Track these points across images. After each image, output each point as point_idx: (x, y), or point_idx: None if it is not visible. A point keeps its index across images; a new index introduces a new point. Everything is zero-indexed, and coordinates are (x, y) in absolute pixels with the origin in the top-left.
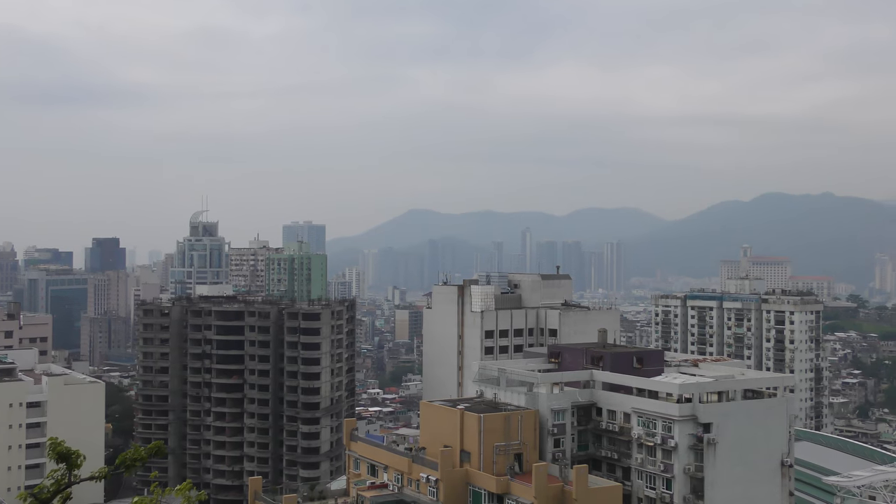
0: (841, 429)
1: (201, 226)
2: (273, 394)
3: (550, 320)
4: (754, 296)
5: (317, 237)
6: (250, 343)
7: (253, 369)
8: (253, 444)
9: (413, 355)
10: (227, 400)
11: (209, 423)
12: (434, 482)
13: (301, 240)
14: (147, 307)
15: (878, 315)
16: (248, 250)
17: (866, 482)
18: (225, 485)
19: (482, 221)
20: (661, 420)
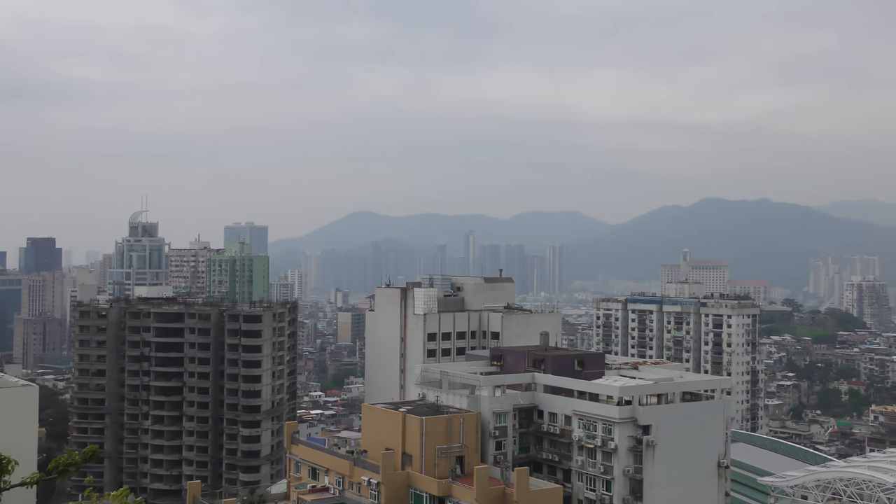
0: (775, 430)
1: (141, 226)
2: (213, 396)
3: (493, 323)
4: (693, 300)
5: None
6: (190, 345)
7: (193, 372)
8: (192, 447)
9: (355, 358)
10: (166, 403)
11: (147, 427)
12: (375, 485)
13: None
14: (83, 308)
15: (812, 319)
16: (189, 251)
17: (799, 482)
18: (163, 489)
19: (425, 224)
20: (602, 422)
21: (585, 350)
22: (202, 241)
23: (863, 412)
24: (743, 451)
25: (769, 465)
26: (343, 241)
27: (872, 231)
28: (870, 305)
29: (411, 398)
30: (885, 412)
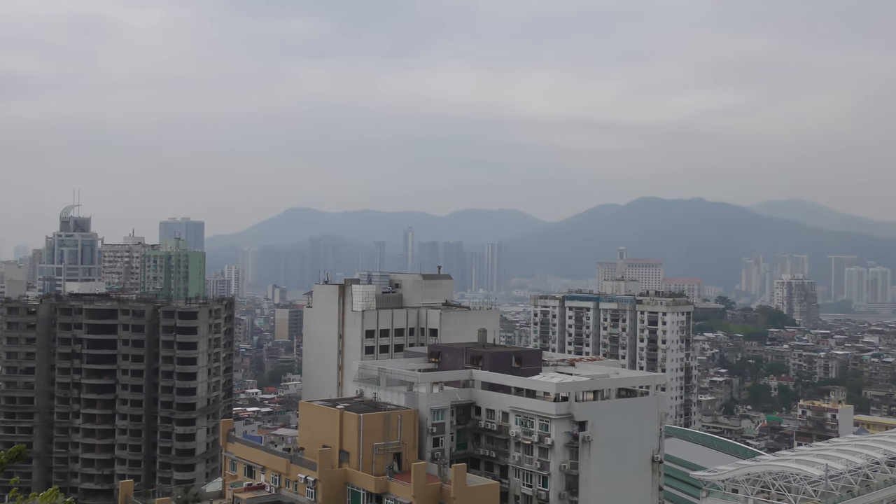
0: (708, 425)
1: (72, 220)
2: (147, 394)
3: (431, 320)
4: (629, 297)
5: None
6: (123, 342)
7: (126, 369)
8: (125, 446)
9: (293, 355)
10: (98, 401)
11: (78, 426)
12: (312, 483)
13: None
14: (12, 305)
15: (744, 316)
16: (123, 247)
17: (730, 476)
18: (94, 489)
19: (364, 220)
20: (539, 418)
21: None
22: (137, 236)
23: (791, 407)
24: (676, 446)
25: (701, 460)
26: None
27: (801, 230)
28: (799, 303)
29: (349, 395)
30: (813, 407)
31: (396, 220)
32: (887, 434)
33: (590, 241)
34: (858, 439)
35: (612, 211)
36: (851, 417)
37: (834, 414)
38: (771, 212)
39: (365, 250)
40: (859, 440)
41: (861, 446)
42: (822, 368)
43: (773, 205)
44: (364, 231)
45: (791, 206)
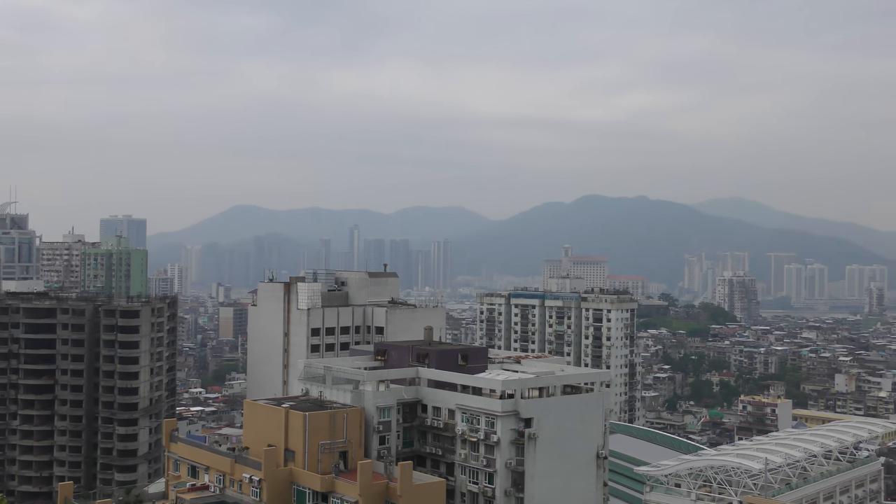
0: (652, 421)
1: (9, 218)
2: (87, 395)
3: (377, 318)
4: (574, 294)
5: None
6: (63, 342)
7: (66, 369)
8: (64, 447)
9: (238, 353)
10: (36, 402)
11: (15, 427)
12: (257, 482)
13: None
14: None
15: (686, 313)
16: (62, 244)
17: (672, 471)
18: (32, 492)
19: (310, 218)
20: (485, 416)
21: (469, 344)
22: (76, 234)
23: (732, 402)
24: (621, 442)
25: (645, 455)
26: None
27: (742, 228)
28: (740, 300)
29: (294, 394)
30: (753, 402)
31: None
32: (824, 428)
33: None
34: (797, 433)
35: (558, 209)
36: (790, 412)
37: (773, 408)
38: (713, 210)
39: (310, 248)
40: (797, 434)
41: (799, 440)
42: (762, 364)
43: (715, 203)
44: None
45: (732, 204)
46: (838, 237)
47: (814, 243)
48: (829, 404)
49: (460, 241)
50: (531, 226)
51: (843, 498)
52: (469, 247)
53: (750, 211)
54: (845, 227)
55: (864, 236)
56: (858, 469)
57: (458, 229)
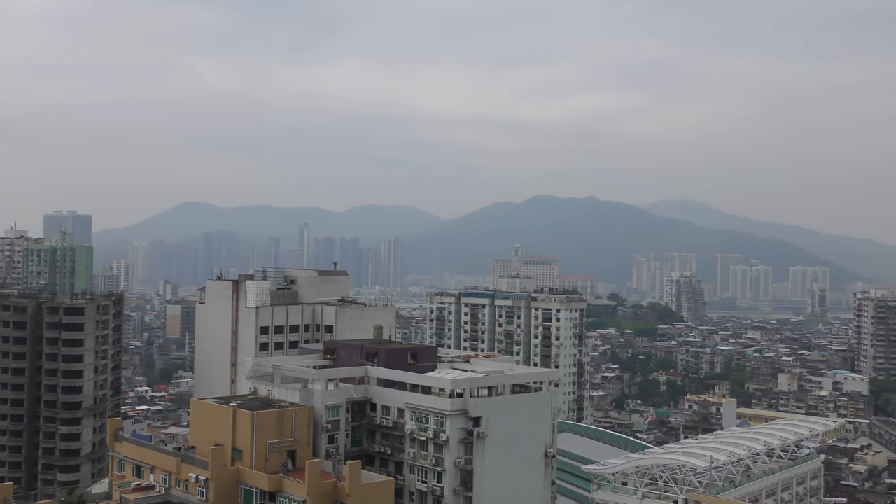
0: (599, 420)
1: None
2: (29, 394)
3: (327, 317)
4: (524, 294)
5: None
6: (4, 340)
7: (6, 367)
8: (4, 447)
9: (185, 352)
10: None
11: None
12: (204, 482)
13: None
14: None
15: (635, 313)
16: (4, 240)
17: (619, 469)
18: None
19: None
20: (434, 415)
21: (419, 343)
22: (19, 229)
23: (679, 401)
24: (569, 441)
25: (593, 454)
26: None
27: (689, 229)
28: (687, 300)
29: (243, 393)
30: (699, 401)
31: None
32: (767, 426)
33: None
34: (741, 431)
35: (508, 208)
36: (734, 410)
37: (718, 407)
38: (661, 211)
39: (260, 246)
40: (741, 432)
41: (743, 438)
42: (707, 364)
43: (663, 205)
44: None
45: (680, 206)
46: (782, 239)
47: (759, 245)
48: (773, 403)
49: (411, 240)
50: (482, 225)
51: (784, 494)
52: (419, 246)
53: (697, 213)
54: (789, 229)
55: (808, 238)
56: (800, 466)
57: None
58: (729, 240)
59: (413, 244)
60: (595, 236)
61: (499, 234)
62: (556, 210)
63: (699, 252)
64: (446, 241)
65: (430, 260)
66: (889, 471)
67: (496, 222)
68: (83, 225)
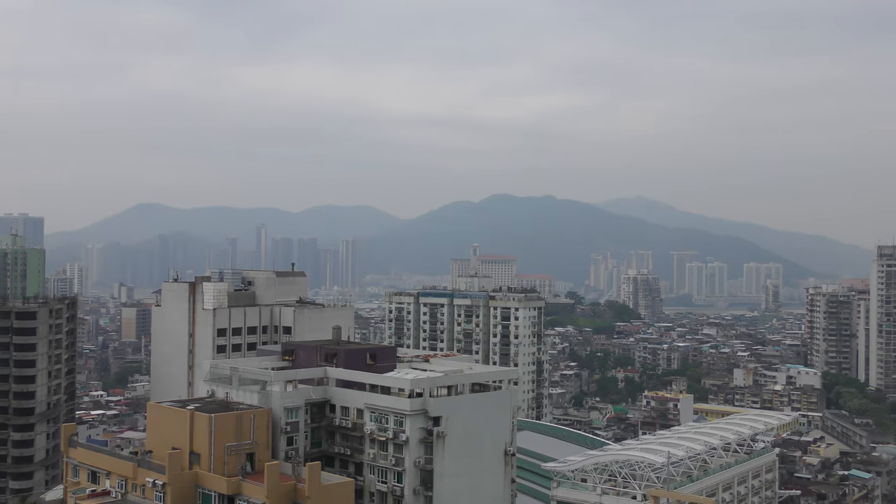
0: (559, 417)
1: None
2: None
3: (285, 318)
4: (483, 293)
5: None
6: None
7: None
8: None
9: (141, 355)
10: None
11: None
12: (161, 486)
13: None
14: None
15: (593, 311)
16: None
17: (579, 466)
18: None
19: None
20: (393, 415)
21: (378, 344)
22: None
23: (637, 398)
24: (528, 439)
25: (552, 452)
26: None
27: (646, 227)
28: (644, 297)
29: (200, 395)
30: (656, 397)
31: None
32: (723, 421)
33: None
34: (698, 427)
35: (466, 208)
36: (691, 406)
37: (675, 403)
38: (618, 210)
39: (216, 247)
40: (698, 428)
41: (700, 433)
42: (665, 360)
43: (620, 203)
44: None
45: (637, 203)
46: (737, 236)
47: (714, 242)
48: (729, 398)
49: (369, 240)
50: (440, 225)
51: (740, 488)
52: (378, 246)
53: (654, 211)
54: (744, 226)
55: (762, 235)
56: (755, 460)
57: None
58: (685, 237)
59: (371, 244)
60: (553, 235)
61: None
62: (514, 209)
63: (656, 250)
64: (405, 240)
65: (389, 260)
66: (841, 462)
67: (454, 222)
68: (35, 227)
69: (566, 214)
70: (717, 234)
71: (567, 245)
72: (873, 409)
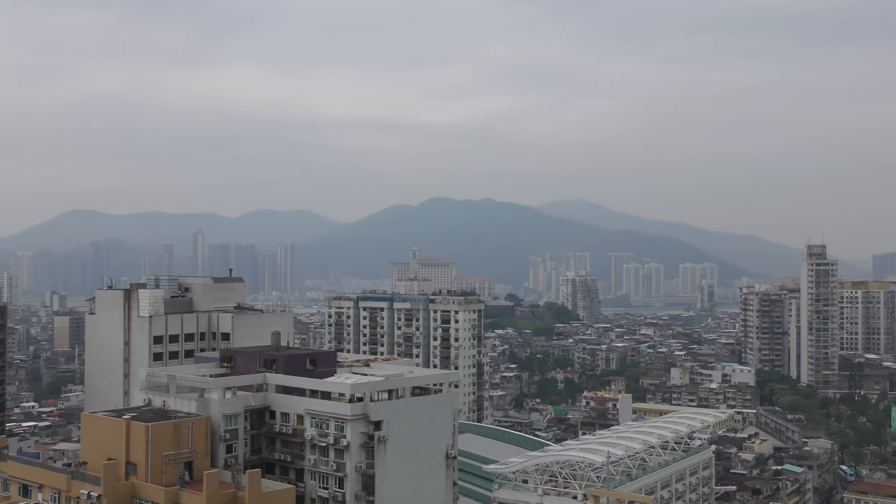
0: (499, 419)
1: None
2: None
3: (223, 324)
4: (423, 296)
5: None
6: None
7: None
8: None
9: (74, 364)
10: None
11: None
12: (96, 498)
13: None
14: None
15: (532, 313)
16: None
17: (520, 468)
18: None
19: (150, 222)
20: (334, 420)
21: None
22: None
23: (576, 398)
24: (470, 441)
25: (494, 454)
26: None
27: (584, 229)
28: (582, 299)
29: (136, 405)
30: (596, 398)
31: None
32: (661, 420)
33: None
34: (636, 426)
35: (405, 211)
36: (630, 406)
37: (614, 403)
38: (556, 212)
39: (152, 253)
40: (637, 427)
41: (639, 432)
42: (603, 360)
43: (558, 205)
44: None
45: (575, 206)
46: (673, 237)
47: (651, 244)
48: (666, 397)
49: (308, 245)
50: (379, 229)
51: (678, 485)
52: (317, 250)
53: (591, 213)
54: (679, 227)
55: (696, 236)
56: (692, 457)
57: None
58: (622, 239)
59: (310, 249)
60: (492, 237)
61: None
62: (453, 212)
63: (594, 251)
64: (344, 244)
65: (328, 264)
66: (774, 458)
67: (393, 225)
68: None
69: (505, 217)
70: (653, 236)
71: (506, 248)
72: (805, 404)
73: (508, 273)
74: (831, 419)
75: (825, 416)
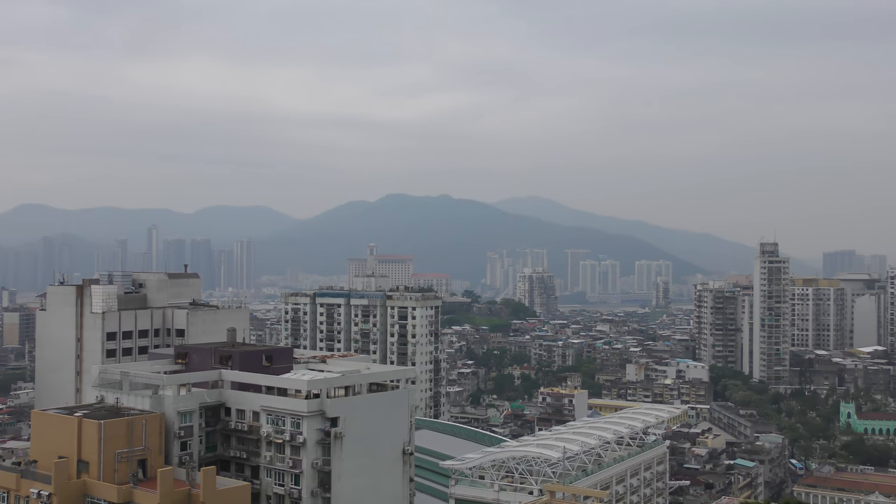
0: (456, 416)
1: None
2: None
3: (178, 320)
4: (380, 293)
5: None
6: None
7: None
8: None
9: (25, 361)
10: None
11: None
12: (47, 497)
13: None
14: None
15: (489, 309)
16: None
17: (476, 464)
18: None
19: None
20: (290, 417)
21: (274, 345)
22: None
23: (533, 394)
24: (427, 438)
25: (451, 450)
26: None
27: (540, 226)
28: (539, 295)
29: (89, 402)
30: (552, 393)
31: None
32: (616, 415)
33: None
34: (592, 422)
35: (362, 208)
36: (586, 401)
37: (571, 399)
38: (513, 209)
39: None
40: (592, 423)
41: (594, 428)
42: (560, 357)
43: (514, 202)
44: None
45: (531, 203)
46: (629, 235)
47: (607, 241)
48: (622, 393)
49: (264, 241)
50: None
51: (633, 480)
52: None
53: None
54: (635, 225)
55: (652, 234)
56: (647, 453)
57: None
58: (578, 236)
59: (267, 245)
60: (449, 234)
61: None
62: (410, 209)
63: (550, 248)
64: (301, 241)
65: (285, 260)
66: (727, 452)
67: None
68: None
69: (462, 214)
70: (609, 233)
71: (463, 244)
72: (756, 400)
73: (466, 270)
74: (782, 414)
75: (776, 412)
